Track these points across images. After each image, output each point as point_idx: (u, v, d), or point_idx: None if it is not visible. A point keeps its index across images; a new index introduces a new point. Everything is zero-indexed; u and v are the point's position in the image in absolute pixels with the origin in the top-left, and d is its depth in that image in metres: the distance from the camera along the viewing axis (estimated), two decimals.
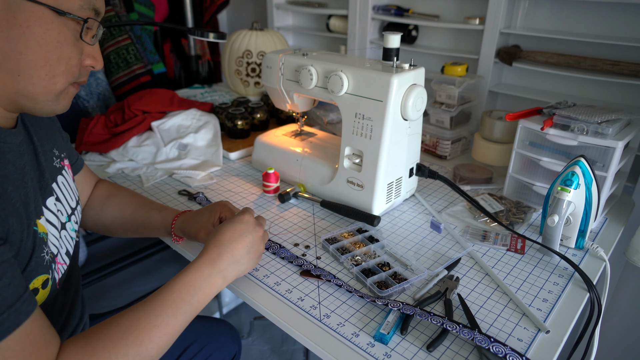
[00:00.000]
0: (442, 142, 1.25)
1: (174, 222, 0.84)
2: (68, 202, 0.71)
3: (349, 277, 0.78)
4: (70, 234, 0.71)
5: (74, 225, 0.72)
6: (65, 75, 0.58)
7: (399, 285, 0.73)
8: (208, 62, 1.98)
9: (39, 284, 0.59)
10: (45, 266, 0.59)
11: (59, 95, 0.60)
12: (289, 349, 1.72)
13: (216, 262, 0.66)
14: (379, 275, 0.76)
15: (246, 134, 1.31)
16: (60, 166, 0.72)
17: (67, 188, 0.72)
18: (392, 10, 1.47)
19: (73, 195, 0.74)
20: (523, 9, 1.27)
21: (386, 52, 0.93)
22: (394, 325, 0.67)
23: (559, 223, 0.79)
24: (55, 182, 0.69)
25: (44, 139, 0.70)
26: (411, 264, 0.80)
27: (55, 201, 0.67)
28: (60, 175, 0.71)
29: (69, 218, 0.71)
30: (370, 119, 0.90)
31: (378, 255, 0.83)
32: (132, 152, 1.17)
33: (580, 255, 0.85)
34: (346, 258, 0.81)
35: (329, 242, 0.85)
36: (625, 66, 1.09)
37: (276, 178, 1.04)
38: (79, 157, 0.85)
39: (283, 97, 1.09)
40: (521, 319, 0.69)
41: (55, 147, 0.73)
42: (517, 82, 1.35)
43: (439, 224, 0.90)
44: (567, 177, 0.80)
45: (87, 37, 0.59)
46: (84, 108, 1.51)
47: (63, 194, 0.71)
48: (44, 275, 0.60)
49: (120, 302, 1.87)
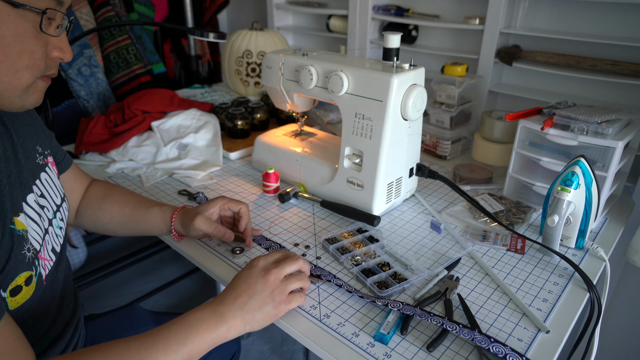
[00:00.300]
0: (442, 142, 1.25)
1: (174, 216, 0.84)
2: (53, 199, 0.71)
3: (349, 277, 0.78)
4: (56, 232, 0.71)
5: (59, 222, 0.72)
6: (30, 69, 0.56)
7: (399, 285, 0.74)
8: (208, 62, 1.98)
9: (22, 281, 0.58)
10: (27, 263, 0.59)
11: (27, 90, 0.58)
12: (289, 349, 1.72)
13: (218, 306, 0.62)
14: (379, 275, 0.76)
15: (246, 134, 1.31)
16: (44, 163, 0.72)
17: (52, 185, 0.72)
18: (392, 10, 1.47)
19: (58, 192, 0.73)
20: (523, 9, 1.27)
21: (386, 52, 0.93)
22: (394, 325, 0.67)
23: (559, 223, 0.79)
24: (39, 179, 0.69)
25: (26, 135, 0.69)
26: (411, 264, 0.80)
27: (38, 197, 0.66)
28: (43, 172, 0.71)
29: (54, 215, 0.71)
30: (370, 119, 0.90)
31: (378, 255, 0.83)
32: (132, 152, 1.17)
33: (580, 255, 0.85)
34: (346, 258, 0.81)
35: (329, 242, 0.85)
36: (625, 66, 1.09)
37: (276, 178, 1.04)
38: (66, 156, 0.84)
39: (283, 97, 1.09)
40: (521, 319, 0.69)
41: (39, 144, 0.72)
42: (517, 82, 1.35)
43: (439, 224, 0.90)
44: (567, 177, 0.80)
45: (49, 29, 0.57)
46: (84, 108, 1.51)
47: (47, 190, 0.70)
48: (27, 272, 0.59)
49: (120, 302, 1.86)
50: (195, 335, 0.58)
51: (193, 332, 0.58)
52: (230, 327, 0.61)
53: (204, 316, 0.60)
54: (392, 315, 0.69)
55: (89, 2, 1.50)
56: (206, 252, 0.85)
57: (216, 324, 0.60)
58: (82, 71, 1.48)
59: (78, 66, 1.47)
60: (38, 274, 0.62)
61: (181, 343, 0.57)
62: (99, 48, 1.54)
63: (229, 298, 0.63)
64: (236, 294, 0.64)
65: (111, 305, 1.85)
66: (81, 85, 1.48)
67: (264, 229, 0.92)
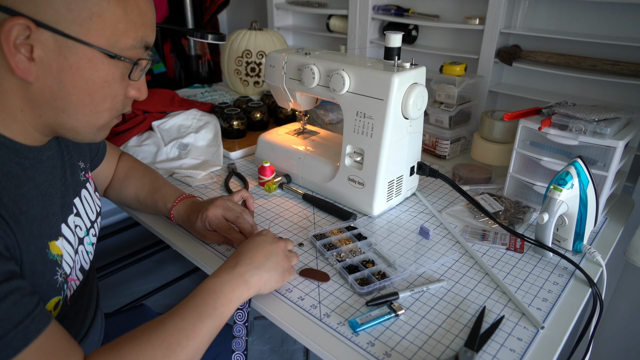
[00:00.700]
0: (442, 141, 1.25)
1: (172, 211, 0.87)
2: (88, 216, 0.71)
3: (334, 272, 0.79)
4: (87, 248, 0.71)
5: (91, 239, 0.72)
6: (110, 111, 0.59)
7: (379, 282, 0.74)
8: (208, 61, 1.98)
9: (51, 307, 0.58)
10: (57, 289, 0.59)
11: (102, 128, 0.61)
12: (289, 349, 1.72)
13: (235, 268, 0.65)
14: (361, 272, 0.77)
15: (242, 134, 1.31)
16: (85, 179, 0.72)
17: (89, 201, 0.73)
18: (392, 10, 1.47)
19: (94, 208, 0.74)
20: (523, 9, 1.27)
21: (387, 51, 0.93)
22: (373, 320, 0.67)
23: (550, 221, 0.80)
24: (79, 197, 0.69)
25: (73, 151, 0.70)
26: (394, 262, 0.81)
27: (74, 217, 0.67)
28: (84, 188, 0.71)
29: (87, 232, 0.71)
30: (372, 118, 0.90)
31: (363, 252, 0.83)
32: (133, 152, 1.17)
33: (576, 259, 0.84)
34: (331, 254, 0.81)
35: (316, 238, 0.86)
36: (625, 66, 1.09)
37: (271, 171, 1.07)
38: (100, 143, 0.86)
39: (286, 95, 1.09)
40: (521, 318, 0.69)
41: (81, 159, 0.73)
42: (517, 82, 1.36)
43: (427, 230, 0.89)
44: (561, 176, 0.80)
45: (134, 75, 0.59)
46: None
47: (84, 208, 0.71)
48: (56, 297, 0.59)
49: (120, 302, 1.87)
50: (222, 299, 0.61)
51: (220, 296, 0.61)
52: (250, 286, 0.65)
53: (225, 279, 0.63)
54: (378, 312, 0.69)
55: None
56: (206, 252, 0.85)
57: (238, 284, 0.63)
58: None
59: None
60: (64, 297, 0.62)
61: (212, 307, 0.60)
62: None
63: (244, 259, 0.66)
64: (251, 255, 0.67)
65: (111, 305, 1.86)
66: None
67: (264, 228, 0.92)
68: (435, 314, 0.70)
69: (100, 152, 0.86)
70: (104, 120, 0.59)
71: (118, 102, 0.59)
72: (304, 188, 1.08)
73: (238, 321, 0.69)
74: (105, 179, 0.90)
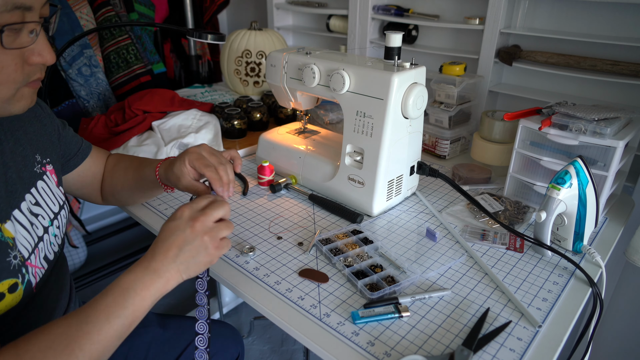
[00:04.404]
0: (441, 141, 1.25)
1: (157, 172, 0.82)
2: (50, 207, 0.72)
3: (344, 280, 0.78)
4: (51, 239, 0.71)
5: (55, 230, 0.73)
6: (5, 83, 0.55)
7: (389, 287, 0.73)
8: (208, 61, 1.98)
9: (5, 288, 0.58)
10: (12, 270, 0.59)
11: (9, 101, 0.58)
12: (289, 349, 1.72)
13: (150, 263, 0.60)
14: (370, 278, 0.76)
15: (243, 134, 1.31)
16: (42, 171, 0.73)
17: (49, 193, 0.73)
18: (392, 10, 1.47)
19: (56, 200, 0.74)
20: (523, 9, 1.27)
21: (388, 51, 0.93)
22: (375, 315, 0.67)
23: (548, 220, 0.80)
24: (35, 187, 0.70)
25: (27, 144, 0.70)
26: (404, 267, 0.80)
27: (32, 205, 0.68)
28: (40, 180, 0.71)
29: (51, 222, 0.71)
30: (371, 117, 0.90)
31: (370, 256, 0.83)
32: (133, 152, 1.17)
33: (576, 260, 0.84)
34: (338, 259, 0.80)
35: (322, 243, 0.85)
36: (625, 66, 1.09)
37: (270, 171, 1.07)
38: (82, 144, 0.86)
39: (287, 95, 1.09)
40: (521, 318, 0.69)
41: (39, 152, 0.73)
42: (517, 82, 1.36)
43: (434, 232, 0.88)
44: (560, 175, 0.81)
45: (16, 42, 0.54)
46: (84, 108, 1.51)
47: (43, 198, 0.71)
48: (11, 279, 0.59)
49: None
50: (134, 297, 0.58)
51: (131, 294, 0.58)
52: (167, 280, 0.61)
53: (138, 276, 0.59)
54: (383, 309, 0.69)
55: (89, 2, 1.50)
56: None
57: (152, 280, 0.60)
58: (83, 71, 1.48)
59: (78, 66, 1.47)
60: (26, 282, 0.62)
61: (122, 307, 0.57)
62: (99, 48, 1.54)
63: (159, 252, 0.61)
64: (166, 247, 0.61)
65: None
66: (81, 85, 1.48)
67: (264, 228, 0.92)
68: (435, 313, 0.70)
69: (82, 151, 0.86)
70: (4, 94, 0.56)
71: (11, 73, 0.55)
72: (304, 187, 1.08)
73: (199, 290, 0.67)
74: (94, 177, 0.90)
